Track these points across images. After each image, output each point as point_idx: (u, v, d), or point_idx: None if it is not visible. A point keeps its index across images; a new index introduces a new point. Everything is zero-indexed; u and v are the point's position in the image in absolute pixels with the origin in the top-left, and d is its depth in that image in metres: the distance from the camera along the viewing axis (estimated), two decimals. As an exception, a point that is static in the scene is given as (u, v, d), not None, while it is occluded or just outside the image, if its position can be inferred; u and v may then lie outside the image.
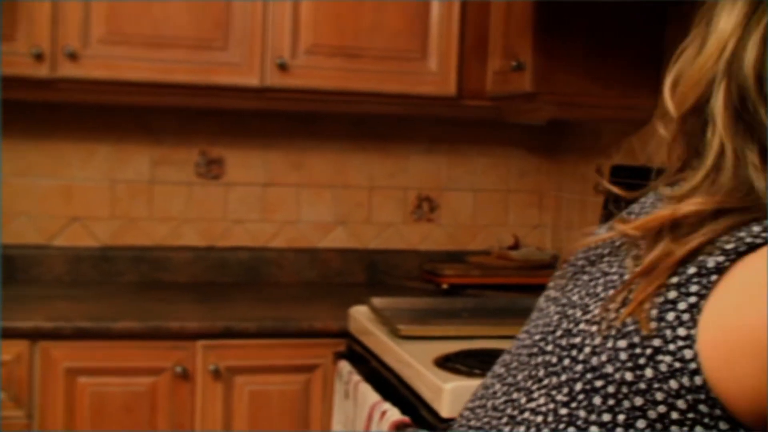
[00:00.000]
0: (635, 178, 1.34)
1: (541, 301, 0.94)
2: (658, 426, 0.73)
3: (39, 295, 2.53)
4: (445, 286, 2.72)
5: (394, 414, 1.75)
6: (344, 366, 2.15)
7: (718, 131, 0.80)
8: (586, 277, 0.88)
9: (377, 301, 2.29)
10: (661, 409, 0.72)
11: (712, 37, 0.82)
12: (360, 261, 2.93)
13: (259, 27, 2.51)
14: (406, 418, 1.72)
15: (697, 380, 0.71)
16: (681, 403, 0.72)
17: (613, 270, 0.84)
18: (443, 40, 2.61)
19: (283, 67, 2.52)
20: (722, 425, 0.71)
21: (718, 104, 0.81)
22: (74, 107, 2.72)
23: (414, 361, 1.82)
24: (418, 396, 1.77)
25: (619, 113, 2.48)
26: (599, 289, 0.83)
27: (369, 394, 1.91)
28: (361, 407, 1.91)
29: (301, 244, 2.91)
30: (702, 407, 0.71)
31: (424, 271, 2.87)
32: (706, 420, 0.71)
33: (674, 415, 0.72)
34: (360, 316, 2.27)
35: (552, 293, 0.93)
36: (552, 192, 3.04)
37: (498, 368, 0.92)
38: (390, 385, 1.93)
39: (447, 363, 1.78)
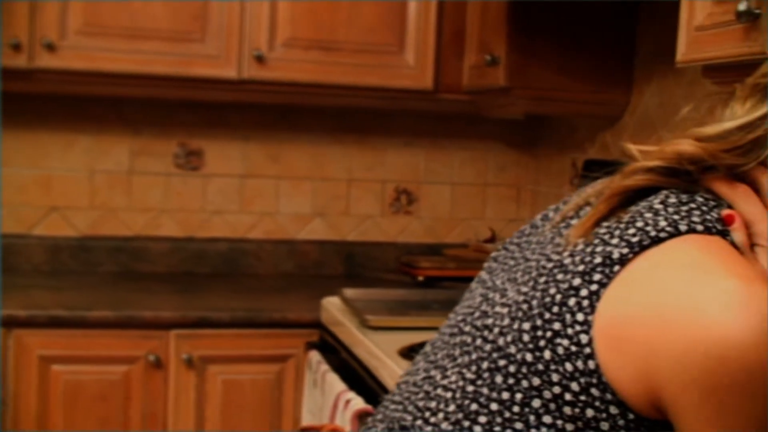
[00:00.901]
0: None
1: (473, 283, 0.96)
2: (552, 406, 0.75)
3: (17, 284, 2.54)
4: (421, 278, 2.75)
5: (357, 403, 1.77)
6: (314, 355, 2.18)
7: None
8: (511, 262, 0.91)
9: (349, 292, 2.31)
10: (556, 390, 0.75)
11: None
12: (338, 253, 2.95)
13: (237, 19, 2.53)
14: (369, 407, 1.74)
15: (591, 364, 0.74)
16: (575, 386, 0.74)
17: (534, 257, 0.86)
18: (420, 34, 2.63)
19: (260, 60, 2.54)
20: (612, 409, 0.74)
21: None
22: (53, 98, 2.73)
23: (379, 351, 1.85)
24: (383, 386, 1.79)
25: (591, 108, 2.51)
26: (518, 274, 0.86)
27: (336, 384, 1.94)
28: (328, 396, 1.94)
29: (279, 236, 2.93)
30: (594, 390, 0.74)
31: (400, 264, 2.89)
32: (597, 403, 0.74)
33: (567, 397, 0.74)
34: (331, 306, 2.29)
35: (483, 275, 0.95)
36: (529, 186, 3.06)
37: (427, 347, 0.94)
38: (356, 375, 1.95)
39: (411, 353, 1.80)
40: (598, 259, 0.77)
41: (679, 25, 1.62)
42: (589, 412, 0.74)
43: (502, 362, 0.79)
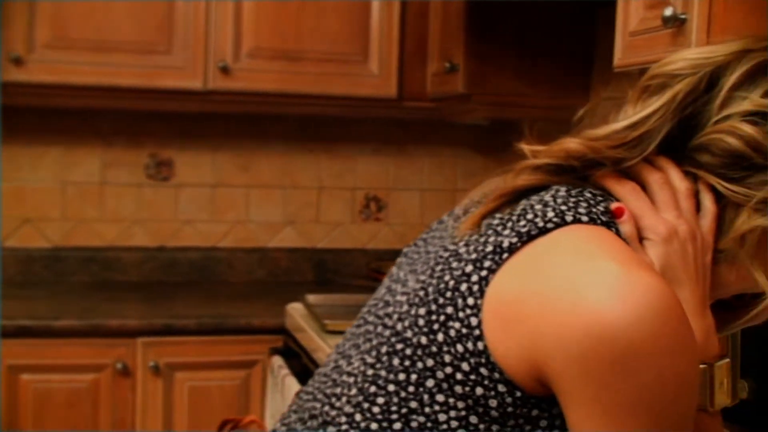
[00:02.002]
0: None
1: (384, 279, 1.01)
2: (444, 385, 0.79)
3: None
4: (389, 283, 2.78)
5: (312, 405, 1.80)
6: (276, 360, 2.21)
7: None
8: (416, 256, 0.95)
9: (312, 297, 2.35)
10: (448, 370, 0.79)
11: None
12: (309, 260, 2.99)
13: (202, 31, 2.57)
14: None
15: (480, 345, 0.78)
16: (465, 366, 0.78)
17: (434, 249, 0.91)
18: (384, 43, 2.67)
19: (225, 71, 2.58)
20: (500, 387, 0.78)
21: None
22: (24, 111, 2.77)
23: (334, 355, 1.88)
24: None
25: (552, 113, 2.53)
26: (419, 265, 0.90)
27: (294, 387, 1.97)
28: (286, 400, 1.97)
29: (250, 244, 2.97)
30: (483, 370, 0.78)
31: (370, 269, 2.93)
32: (486, 382, 0.78)
33: (459, 376, 0.78)
34: (295, 312, 2.33)
35: (393, 269, 0.99)
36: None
37: (341, 340, 0.98)
38: (314, 379, 1.98)
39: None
40: (489, 248, 0.82)
41: (616, 31, 1.66)
42: (479, 390, 0.78)
43: (399, 346, 0.83)
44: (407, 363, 0.82)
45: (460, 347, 0.79)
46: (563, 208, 0.82)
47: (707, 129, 0.86)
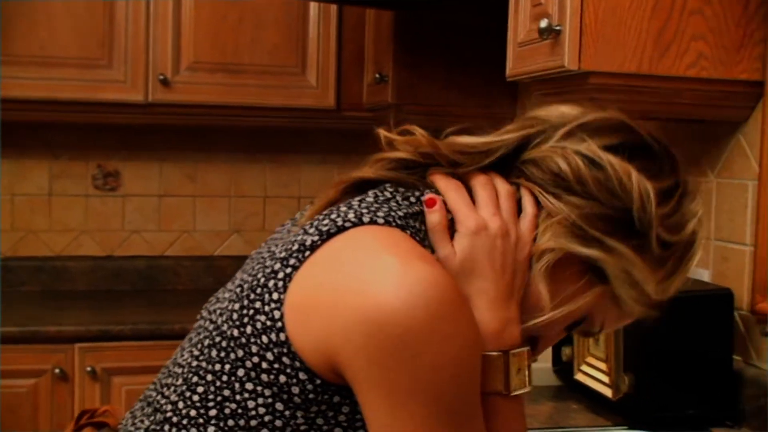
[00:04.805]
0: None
1: None
2: (252, 374, 0.86)
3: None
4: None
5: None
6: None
7: None
8: (257, 256, 1.02)
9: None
10: (255, 359, 0.86)
11: None
12: (255, 267, 3.05)
13: (142, 45, 2.64)
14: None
15: (282, 336, 0.85)
16: (270, 355, 0.85)
17: (266, 250, 0.97)
18: (321, 55, 2.75)
19: (165, 83, 2.65)
20: (302, 375, 0.84)
21: None
22: (-28, 124, 2.84)
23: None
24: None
25: (483, 123, 2.61)
26: (253, 263, 0.97)
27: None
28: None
29: (197, 252, 3.04)
30: (285, 359, 0.84)
31: (314, 276, 2.99)
32: (288, 370, 0.84)
33: (264, 365, 0.85)
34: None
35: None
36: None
37: None
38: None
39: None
40: (295, 247, 0.89)
41: (507, 42, 1.74)
42: (282, 378, 0.85)
43: (218, 339, 0.90)
44: (222, 354, 0.88)
45: (265, 338, 0.86)
46: (364, 211, 0.89)
47: (542, 148, 0.94)
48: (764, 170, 1.59)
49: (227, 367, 0.88)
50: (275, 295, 0.86)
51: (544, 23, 1.51)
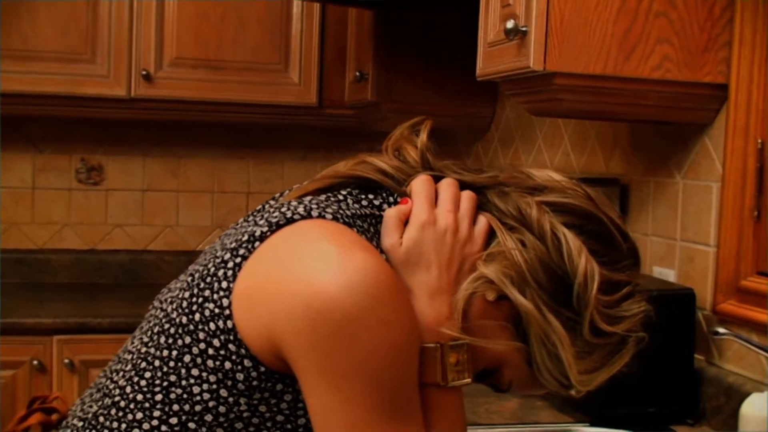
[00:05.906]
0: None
1: None
2: (199, 360, 0.88)
3: None
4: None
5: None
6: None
7: None
8: (209, 249, 1.04)
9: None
10: (202, 346, 0.88)
11: None
12: (237, 263, 3.07)
13: (125, 40, 2.66)
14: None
15: (229, 324, 0.87)
16: (216, 342, 0.87)
17: (218, 243, 0.99)
18: (304, 53, 2.77)
19: (148, 78, 2.67)
20: (246, 362, 0.87)
21: None
22: (-44, 117, 2.86)
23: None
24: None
25: (461, 121, 2.64)
26: (205, 255, 0.99)
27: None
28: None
29: (179, 247, 3.06)
30: (231, 346, 0.87)
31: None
32: (233, 357, 0.87)
33: (210, 351, 0.88)
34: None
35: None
36: (423, 197, 3.18)
37: None
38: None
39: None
40: (245, 237, 0.91)
41: (478, 42, 1.76)
42: (227, 365, 0.87)
43: (167, 326, 0.92)
44: (170, 341, 0.91)
45: (212, 325, 0.88)
46: (313, 206, 0.92)
47: (512, 193, 0.96)
48: (727, 172, 1.62)
49: (174, 353, 0.90)
50: (224, 284, 0.89)
51: (510, 24, 1.53)
